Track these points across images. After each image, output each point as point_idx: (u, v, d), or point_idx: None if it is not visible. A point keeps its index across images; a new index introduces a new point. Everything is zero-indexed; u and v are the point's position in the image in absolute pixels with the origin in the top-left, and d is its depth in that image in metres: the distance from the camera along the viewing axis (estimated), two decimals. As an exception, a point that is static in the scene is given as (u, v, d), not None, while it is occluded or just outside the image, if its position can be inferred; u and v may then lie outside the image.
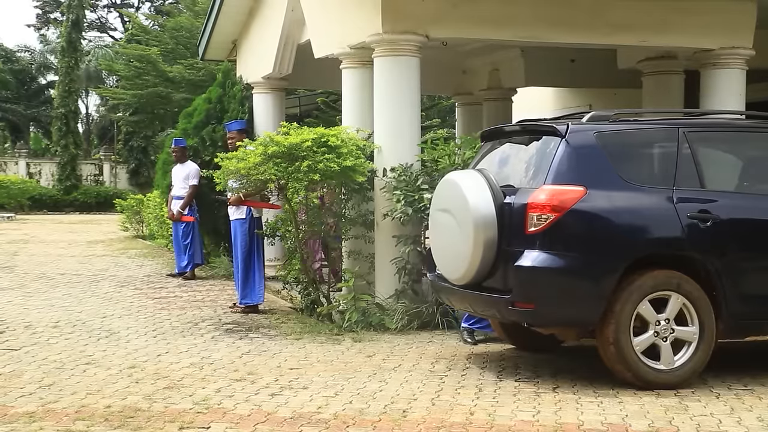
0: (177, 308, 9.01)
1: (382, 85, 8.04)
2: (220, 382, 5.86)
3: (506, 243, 5.83)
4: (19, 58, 47.05)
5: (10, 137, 43.39)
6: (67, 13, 36.50)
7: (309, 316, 8.37)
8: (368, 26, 8.02)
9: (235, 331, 7.80)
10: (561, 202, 5.61)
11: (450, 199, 6.26)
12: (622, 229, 5.75)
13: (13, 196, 30.63)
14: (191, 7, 25.11)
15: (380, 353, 6.81)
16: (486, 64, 12.38)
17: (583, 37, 8.57)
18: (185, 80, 23.28)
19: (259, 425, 4.87)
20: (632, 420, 4.97)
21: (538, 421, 4.94)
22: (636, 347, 5.62)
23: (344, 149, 7.70)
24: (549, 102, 13.41)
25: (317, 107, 19.43)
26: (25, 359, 6.56)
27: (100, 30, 49.43)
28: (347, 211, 8.35)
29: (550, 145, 5.91)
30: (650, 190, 5.82)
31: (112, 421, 4.94)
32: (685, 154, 5.97)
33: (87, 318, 8.40)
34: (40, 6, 48.31)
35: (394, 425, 4.88)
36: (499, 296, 5.81)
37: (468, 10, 8.08)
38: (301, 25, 10.07)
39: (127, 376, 6.03)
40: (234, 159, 8.06)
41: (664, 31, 8.61)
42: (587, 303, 5.65)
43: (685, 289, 5.70)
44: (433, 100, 21.14)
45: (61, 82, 36.11)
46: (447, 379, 5.95)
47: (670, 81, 9.94)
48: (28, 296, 9.89)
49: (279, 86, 11.67)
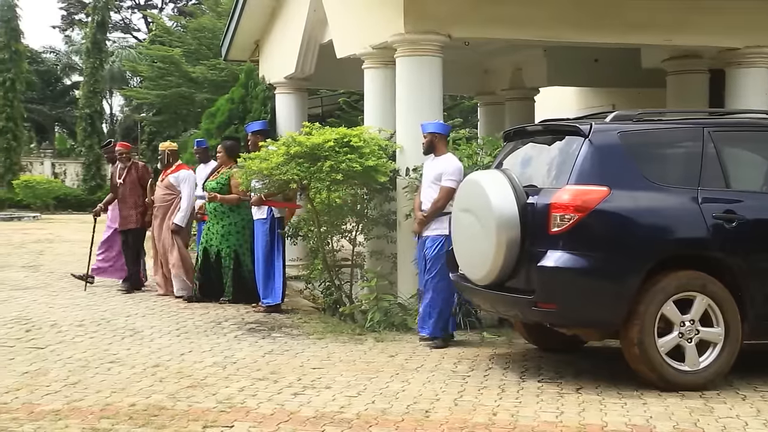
0: (200, 307, 9.05)
1: (405, 85, 8.04)
2: (243, 381, 5.89)
3: (529, 243, 5.81)
4: (45, 59, 47.50)
5: (36, 137, 43.81)
6: (92, 14, 36.83)
7: (331, 316, 8.39)
8: (390, 26, 8.02)
9: (258, 330, 7.83)
10: (584, 202, 5.59)
11: (472, 199, 6.25)
12: (646, 229, 5.71)
13: (38, 196, 30.92)
14: (214, 8, 25.24)
15: (402, 353, 6.81)
16: (508, 64, 12.35)
17: (606, 36, 8.52)
18: (208, 81, 23.40)
19: (282, 424, 4.88)
20: (657, 421, 4.94)
21: (562, 422, 4.92)
22: (660, 348, 5.59)
23: (366, 149, 7.71)
24: (572, 102, 13.34)
25: (339, 107, 19.48)
26: (50, 357, 6.62)
27: (124, 31, 49.83)
28: (369, 210, 8.35)
29: (573, 145, 5.89)
30: (675, 190, 5.78)
31: (137, 419, 4.97)
32: (710, 153, 5.92)
33: (111, 317, 8.47)
34: (65, 7, 48.75)
35: (416, 425, 4.88)
36: (521, 296, 5.80)
37: (490, 10, 8.06)
38: (323, 25, 10.09)
39: (151, 374, 6.07)
40: (257, 159, 8.09)
41: (688, 31, 8.54)
42: (611, 304, 5.62)
43: (710, 290, 5.65)
44: (455, 100, 21.12)
45: (86, 82, 36.42)
46: (469, 380, 5.94)
47: (694, 80, 9.86)
48: (53, 295, 9.98)
49: (301, 86, 11.71)
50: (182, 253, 9.76)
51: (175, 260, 9.70)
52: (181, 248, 9.76)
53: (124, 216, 10.32)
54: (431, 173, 7.24)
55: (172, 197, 9.91)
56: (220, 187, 9.34)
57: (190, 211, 9.90)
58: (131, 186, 10.29)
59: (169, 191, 9.92)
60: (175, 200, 9.90)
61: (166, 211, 9.91)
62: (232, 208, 9.33)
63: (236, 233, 9.32)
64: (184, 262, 9.74)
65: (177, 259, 9.70)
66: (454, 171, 7.11)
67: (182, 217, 9.77)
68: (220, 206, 9.34)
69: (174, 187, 9.89)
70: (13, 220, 27.12)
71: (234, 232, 9.32)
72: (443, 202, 7.09)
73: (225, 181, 9.33)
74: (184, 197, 9.81)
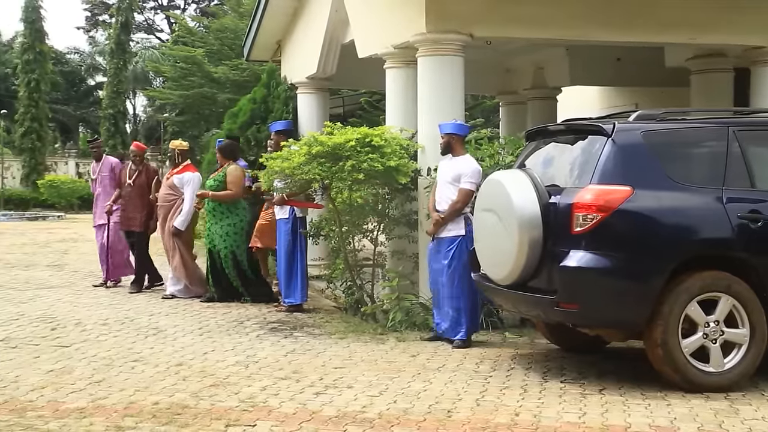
0: (222, 306, 9.09)
1: (426, 84, 8.03)
2: (266, 380, 5.91)
3: (551, 243, 5.79)
4: (69, 59, 47.97)
5: (60, 138, 44.27)
6: (116, 15, 37.16)
7: (353, 316, 8.40)
8: (412, 26, 8.02)
9: (280, 329, 7.86)
10: (607, 201, 5.56)
11: (494, 199, 6.23)
12: (669, 229, 5.67)
13: (63, 196, 31.25)
14: (236, 9, 25.38)
15: (424, 353, 6.81)
16: (530, 63, 12.31)
17: (628, 35, 8.46)
18: (230, 81, 23.53)
19: (304, 424, 4.90)
20: (681, 423, 4.90)
21: (585, 423, 4.90)
22: (684, 349, 5.55)
23: (388, 149, 7.71)
24: (594, 101, 13.26)
25: (361, 107, 19.50)
26: (75, 356, 6.68)
27: (147, 32, 50.22)
28: (391, 210, 8.36)
29: (596, 144, 5.85)
30: (699, 190, 5.74)
31: (160, 417, 5.01)
32: (735, 153, 5.87)
33: (135, 316, 8.53)
34: (89, 9, 49.18)
35: (438, 425, 4.87)
36: (543, 296, 5.78)
37: (512, 9, 8.03)
38: (345, 25, 10.11)
39: (174, 373, 6.11)
40: (278, 159, 8.12)
41: (712, 29, 8.46)
42: (634, 304, 5.59)
43: (735, 291, 5.60)
44: (477, 100, 21.08)
45: (110, 83, 36.76)
46: (491, 380, 5.92)
47: (719, 79, 9.78)
48: (77, 294, 10.07)
49: (323, 86, 11.73)
50: (184, 258, 9.72)
51: (177, 263, 9.69)
52: (182, 252, 9.72)
53: (129, 217, 10.32)
54: (448, 173, 7.22)
55: (174, 198, 9.82)
56: (216, 185, 9.35)
57: (192, 214, 9.83)
58: (140, 189, 10.27)
59: (172, 192, 9.84)
60: (177, 201, 9.81)
61: (167, 212, 9.83)
62: (230, 208, 9.31)
63: (234, 234, 9.28)
64: (185, 267, 9.71)
65: (178, 262, 9.68)
66: (473, 173, 7.09)
67: (182, 221, 9.69)
68: (219, 206, 9.31)
69: (177, 188, 9.82)
70: (38, 219, 27.42)
71: (232, 233, 9.28)
72: (462, 205, 7.07)
73: (221, 179, 9.34)
74: (187, 200, 9.72)
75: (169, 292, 9.77)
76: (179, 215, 9.72)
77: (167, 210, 9.84)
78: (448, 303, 7.10)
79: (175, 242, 9.72)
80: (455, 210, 7.09)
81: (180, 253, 9.70)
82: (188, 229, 9.88)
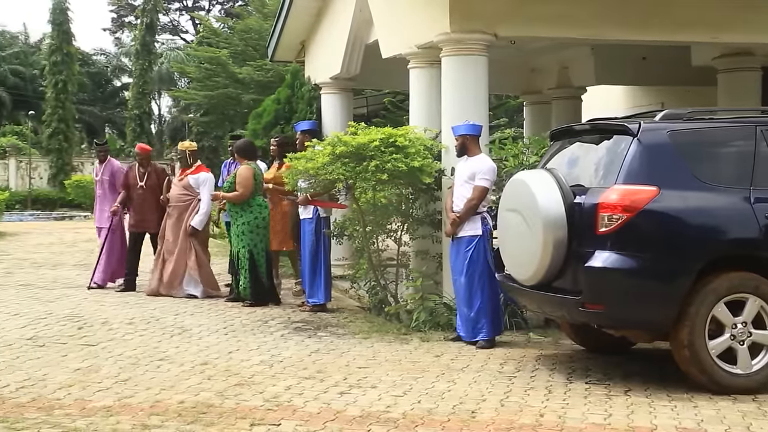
0: (247, 306, 9.13)
1: (450, 84, 8.01)
2: (290, 379, 5.93)
3: (576, 243, 5.76)
4: (95, 61, 48.44)
5: (87, 138, 44.69)
6: (141, 16, 37.47)
7: (377, 316, 8.40)
8: (436, 25, 8.01)
9: (304, 329, 7.88)
10: (633, 202, 5.52)
11: (519, 199, 6.21)
12: (696, 229, 5.62)
13: (89, 196, 31.36)
14: (260, 10, 25.49)
15: (448, 353, 6.80)
16: (555, 63, 12.24)
17: (653, 34, 8.38)
18: (254, 81, 23.62)
19: (329, 423, 4.91)
20: (708, 425, 4.86)
21: (610, 424, 4.87)
22: (711, 351, 5.50)
23: (412, 149, 7.71)
24: (619, 100, 13.18)
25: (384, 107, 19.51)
26: (102, 355, 6.74)
27: (172, 33, 50.58)
28: (414, 210, 8.35)
29: (622, 144, 5.82)
30: (726, 190, 5.69)
31: (185, 416, 5.04)
32: (763, 152, 5.81)
33: (160, 315, 8.59)
34: (115, 10, 49.63)
35: (462, 426, 4.87)
36: (568, 297, 5.75)
37: (536, 9, 8.00)
38: (368, 25, 10.11)
39: (200, 372, 6.15)
40: (302, 159, 8.14)
41: (728, 28, 8.34)
42: (660, 305, 5.55)
43: (763, 292, 5.55)
44: (501, 99, 21.00)
45: (135, 84, 37.06)
46: (516, 380, 5.91)
47: (746, 78, 9.68)
48: (103, 293, 10.16)
49: (347, 86, 11.74)
50: (199, 258, 9.74)
51: (192, 263, 9.69)
52: (198, 252, 9.74)
53: (144, 219, 10.30)
54: (464, 173, 7.22)
55: (190, 198, 9.84)
56: (228, 186, 9.39)
57: (209, 214, 9.85)
58: (152, 190, 10.28)
59: (187, 192, 9.86)
60: (192, 202, 9.82)
61: (181, 211, 9.82)
62: (245, 207, 9.25)
63: (249, 233, 9.20)
64: (200, 267, 9.72)
65: (194, 262, 9.70)
66: (488, 170, 7.08)
67: (200, 221, 9.73)
68: (233, 206, 9.32)
69: (192, 188, 9.84)
70: (65, 219, 27.73)
71: (247, 231, 9.20)
72: (477, 202, 7.06)
73: (233, 179, 9.35)
74: (204, 201, 9.74)
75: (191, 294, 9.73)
76: (197, 215, 9.75)
77: (181, 210, 9.84)
78: (466, 303, 7.09)
79: (191, 242, 9.75)
80: (471, 207, 7.07)
81: (195, 252, 9.74)
82: (204, 229, 9.94)
